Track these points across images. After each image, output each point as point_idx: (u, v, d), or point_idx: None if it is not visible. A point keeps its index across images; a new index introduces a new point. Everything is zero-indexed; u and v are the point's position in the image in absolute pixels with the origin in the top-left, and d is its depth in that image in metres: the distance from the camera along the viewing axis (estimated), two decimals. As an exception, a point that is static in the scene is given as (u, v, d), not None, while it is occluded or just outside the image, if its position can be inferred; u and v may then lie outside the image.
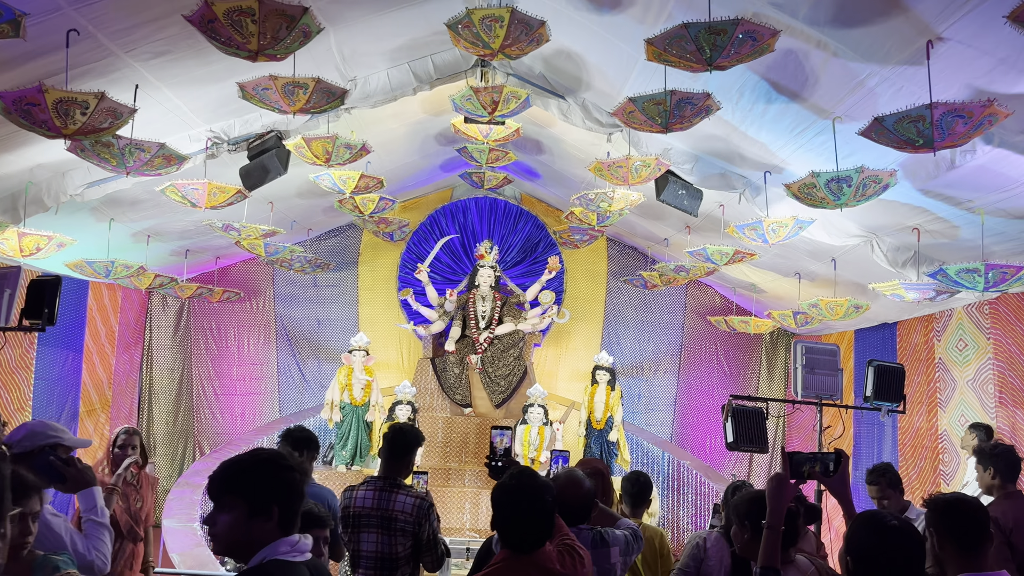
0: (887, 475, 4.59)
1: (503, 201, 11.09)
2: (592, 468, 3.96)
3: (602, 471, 3.94)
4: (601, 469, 3.95)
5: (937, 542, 2.56)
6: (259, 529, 1.97)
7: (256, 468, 2.02)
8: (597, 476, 3.92)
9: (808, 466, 2.60)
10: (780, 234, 6.04)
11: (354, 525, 4.03)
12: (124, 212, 7.59)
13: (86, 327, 9.40)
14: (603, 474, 3.92)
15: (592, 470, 3.94)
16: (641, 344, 11.61)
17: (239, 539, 1.99)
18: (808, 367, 5.07)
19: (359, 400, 8.77)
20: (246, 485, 2.01)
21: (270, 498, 1.98)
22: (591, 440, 8.92)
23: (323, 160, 6.12)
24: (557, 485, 3.17)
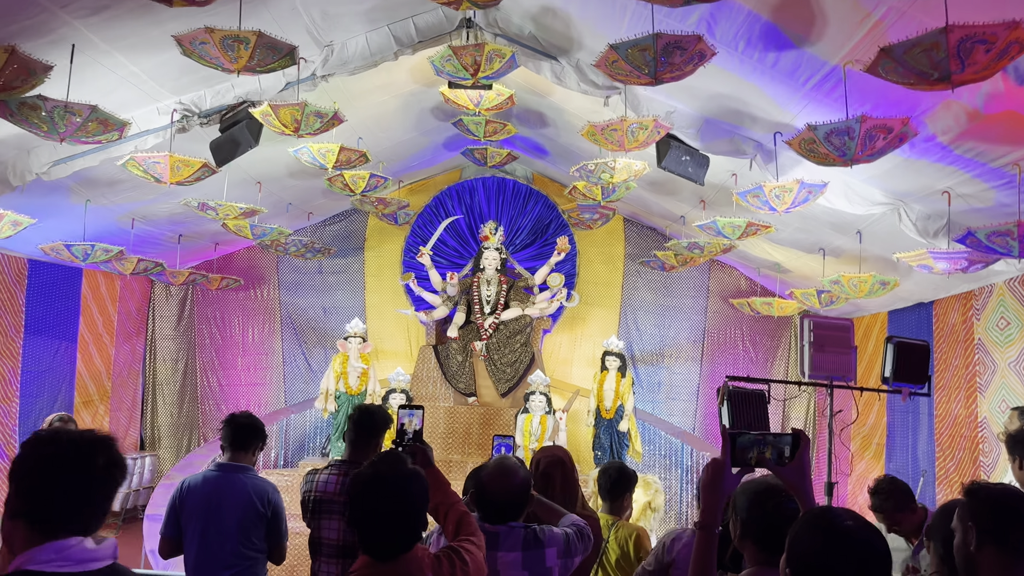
0: (894, 496, 3.90)
1: (512, 181, 10.61)
2: (552, 457, 3.49)
3: (563, 460, 3.46)
4: (562, 458, 3.47)
5: (976, 540, 2.02)
6: (11, 530, 1.54)
7: (18, 457, 1.59)
8: (556, 466, 3.45)
9: (756, 450, 2.08)
10: (786, 200, 5.46)
11: (315, 511, 3.71)
12: (101, 193, 7.29)
13: (80, 316, 9.18)
14: (564, 463, 3.45)
15: (552, 459, 3.47)
16: (662, 330, 11.04)
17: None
18: (817, 345, 4.51)
19: (355, 389, 8.38)
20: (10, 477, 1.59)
21: (25, 493, 1.55)
22: (600, 430, 8.40)
23: (292, 130, 5.71)
24: (482, 476, 2.70)
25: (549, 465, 3.43)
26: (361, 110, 7.72)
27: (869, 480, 9.39)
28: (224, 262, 10.96)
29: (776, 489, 2.21)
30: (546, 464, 3.43)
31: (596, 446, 8.43)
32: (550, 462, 3.44)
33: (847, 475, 9.79)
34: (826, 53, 4.70)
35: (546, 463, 3.44)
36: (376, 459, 2.25)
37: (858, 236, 7.20)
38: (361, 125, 7.95)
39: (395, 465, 2.17)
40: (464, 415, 8.73)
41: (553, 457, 3.47)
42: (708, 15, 4.94)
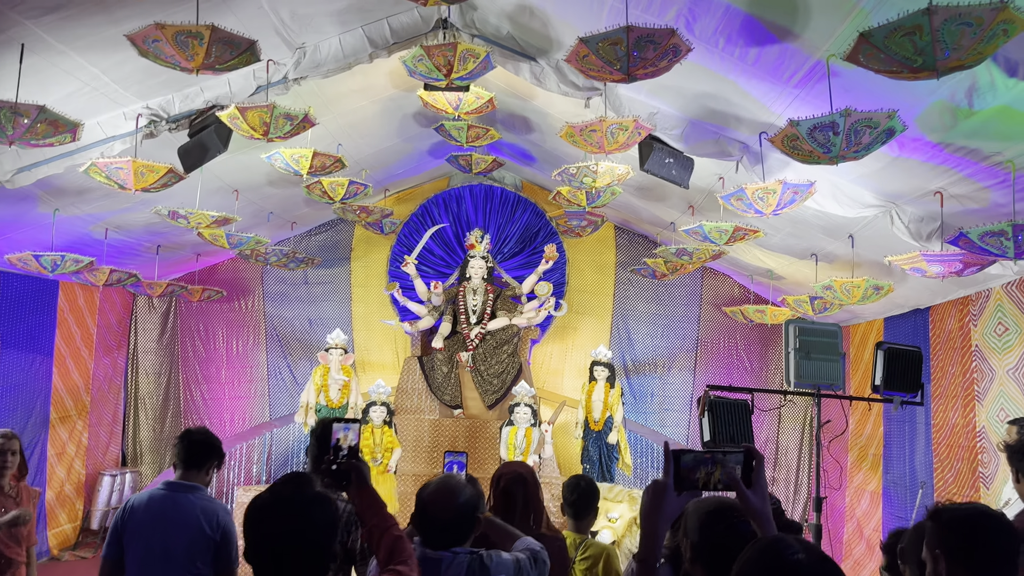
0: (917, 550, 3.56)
1: (500, 188, 10.42)
2: (513, 474, 3.26)
3: (525, 477, 3.24)
4: (524, 474, 3.25)
5: (945, 569, 1.83)
6: None
7: None
8: (518, 484, 3.23)
9: (704, 470, 1.84)
10: (771, 202, 5.25)
11: None
12: (71, 202, 7.09)
13: (57, 329, 8.97)
14: (527, 480, 3.22)
15: (513, 476, 3.25)
16: (654, 339, 10.82)
17: None
18: (802, 351, 4.29)
19: (336, 402, 8.16)
20: None
21: None
22: (589, 442, 8.16)
23: (261, 133, 5.52)
24: (423, 496, 2.48)
25: (510, 482, 3.21)
26: (339, 116, 7.55)
27: (866, 492, 9.20)
28: (208, 273, 10.76)
29: (729, 509, 1.99)
30: (507, 481, 3.21)
31: (584, 459, 8.18)
32: (511, 479, 3.22)
33: (844, 487, 9.54)
34: (809, 47, 4.51)
35: (507, 480, 3.22)
36: (278, 481, 2.03)
37: (850, 240, 6.99)
38: (340, 131, 7.77)
39: (298, 487, 1.94)
40: (449, 428, 8.50)
41: (514, 474, 3.25)
42: (686, 10, 4.76)
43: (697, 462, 1.81)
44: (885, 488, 8.69)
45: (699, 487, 1.81)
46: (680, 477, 1.80)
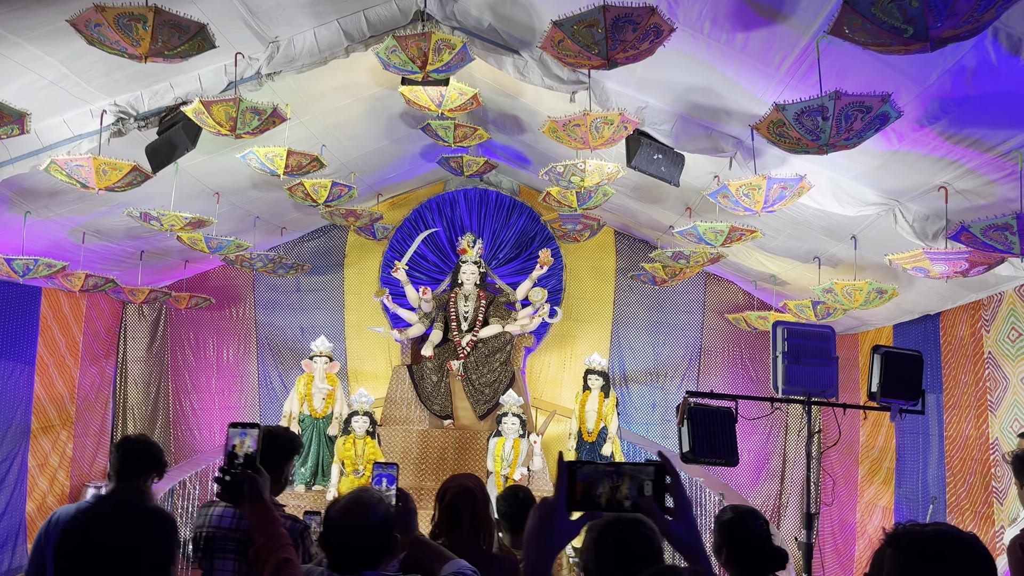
0: None
1: (495, 192, 10.16)
2: (459, 487, 2.97)
3: (473, 491, 2.95)
4: (472, 488, 2.96)
5: None
6: None
7: None
8: (465, 498, 2.94)
9: (607, 485, 1.52)
10: (757, 199, 4.94)
11: (208, 549, 3.24)
12: (44, 204, 6.89)
13: (39, 337, 8.76)
14: (474, 495, 2.93)
15: (459, 489, 2.96)
16: (656, 348, 10.49)
17: None
18: (791, 355, 3.97)
19: (320, 412, 7.89)
20: None
21: None
22: (582, 454, 7.84)
23: (228, 129, 5.28)
24: (331, 513, 2.20)
25: (456, 497, 2.92)
26: (321, 116, 7.32)
27: (878, 507, 8.80)
28: (199, 281, 10.56)
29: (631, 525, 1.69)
30: (452, 496, 2.93)
31: (578, 472, 7.85)
32: (457, 493, 2.93)
33: (855, 502, 9.16)
34: (799, 27, 4.22)
35: (452, 494, 2.93)
36: (108, 494, 1.75)
37: (853, 242, 6.67)
38: (323, 132, 7.54)
39: (127, 502, 1.67)
40: (438, 439, 8.20)
41: (461, 487, 2.96)
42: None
43: (598, 475, 1.49)
44: (897, 503, 8.30)
45: (601, 506, 1.50)
46: (575, 494, 1.49)
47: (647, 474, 1.48)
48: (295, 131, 7.19)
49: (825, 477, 9.59)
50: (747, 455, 9.95)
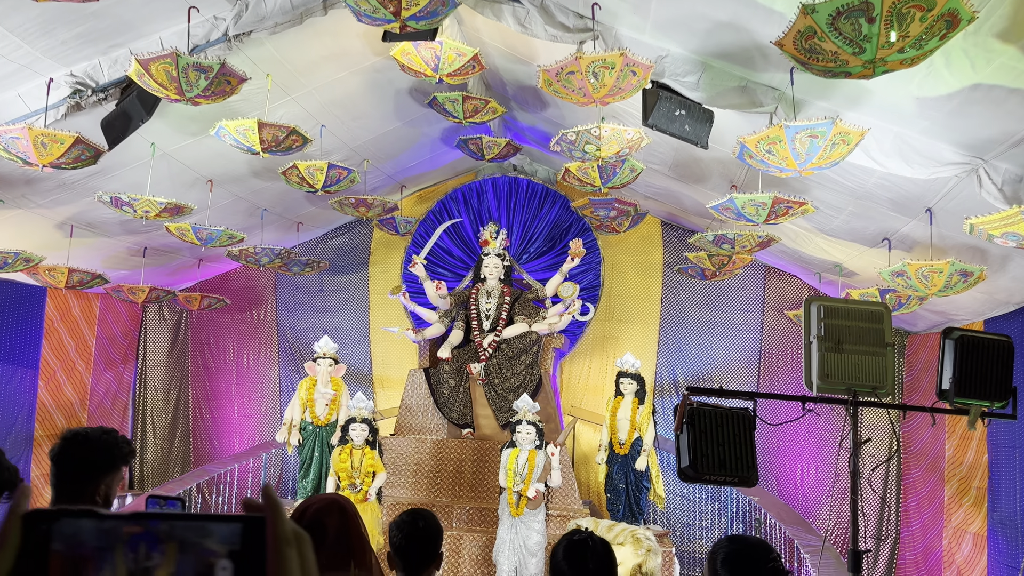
0: None
1: (526, 180, 9.33)
2: (325, 501, 2.17)
3: (343, 506, 2.16)
4: (341, 503, 2.16)
5: None
6: None
7: None
8: (332, 513, 2.13)
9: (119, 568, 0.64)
10: (783, 155, 3.98)
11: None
12: (21, 193, 6.42)
13: (43, 340, 8.37)
14: (344, 510, 2.14)
15: (325, 504, 2.16)
16: (709, 351, 9.46)
17: None
18: (830, 340, 3.02)
19: (323, 419, 7.19)
20: None
21: None
22: (614, 469, 6.90)
23: (174, 92, 4.64)
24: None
25: (321, 512, 2.11)
26: (316, 91, 6.65)
27: (968, 534, 7.55)
28: (219, 282, 10.09)
29: None
30: (316, 511, 2.11)
31: (608, 487, 6.93)
32: (322, 508, 2.12)
33: (941, 527, 7.90)
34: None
35: (316, 509, 2.12)
36: None
37: (928, 216, 5.57)
38: (321, 110, 6.88)
39: None
40: (455, 450, 7.39)
41: (327, 502, 2.14)
42: None
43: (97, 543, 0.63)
44: (990, 529, 7.05)
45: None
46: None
47: (222, 541, 0.62)
48: (288, 108, 6.57)
49: (906, 498, 8.37)
50: (812, 471, 8.80)
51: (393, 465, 7.38)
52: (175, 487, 7.71)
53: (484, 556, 6.44)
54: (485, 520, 6.87)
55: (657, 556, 4.60)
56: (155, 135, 6.28)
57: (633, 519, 6.81)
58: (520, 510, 6.04)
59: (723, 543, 2.38)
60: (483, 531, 6.69)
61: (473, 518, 6.95)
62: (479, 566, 6.45)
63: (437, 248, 8.96)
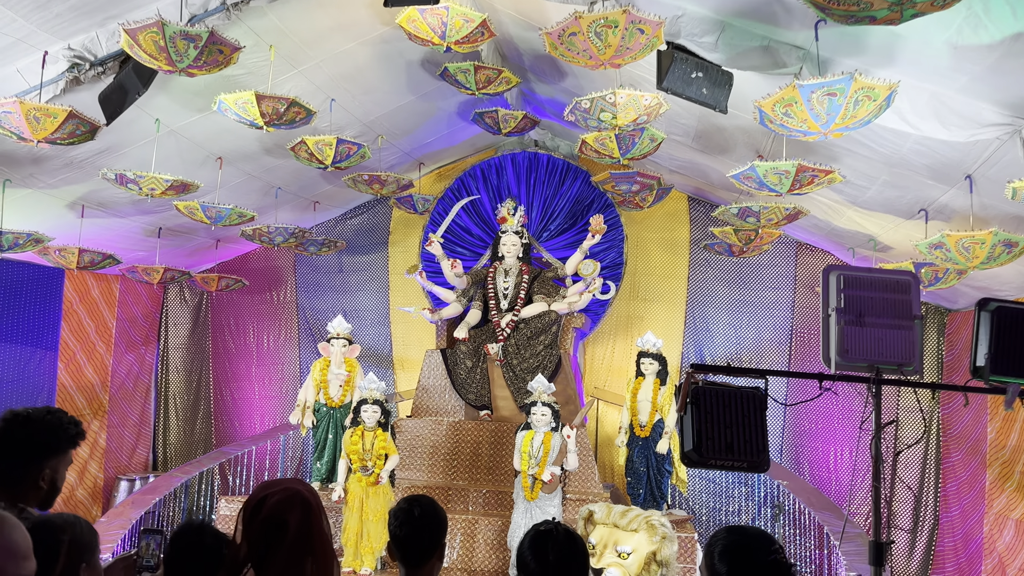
0: None
1: (546, 156, 9.07)
2: (286, 492, 1.97)
3: (304, 497, 1.96)
4: (303, 494, 1.97)
5: None
6: None
7: None
8: (291, 507, 1.93)
9: None
10: (802, 116, 3.69)
11: None
12: (29, 173, 6.34)
13: (62, 321, 8.35)
14: (307, 504, 1.94)
15: (286, 496, 1.96)
16: (738, 331, 9.15)
17: None
18: (850, 312, 2.76)
19: (337, 400, 7.06)
20: None
21: None
22: (634, 452, 6.66)
23: (165, 63, 4.47)
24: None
25: (281, 505, 1.91)
26: (324, 65, 6.45)
27: (1010, 520, 7.18)
28: (239, 263, 10.01)
29: None
30: (276, 504, 1.91)
31: (629, 471, 6.70)
32: (283, 501, 1.92)
33: (982, 513, 7.54)
34: None
35: (276, 502, 1.92)
36: None
37: (968, 183, 5.21)
38: (331, 84, 6.69)
39: None
40: (471, 432, 7.22)
41: (288, 493, 1.94)
42: None
43: None
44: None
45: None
46: None
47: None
48: (296, 82, 6.39)
49: (945, 483, 8.01)
50: (846, 455, 8.46)
51: (409, 447, 7.24)
52: (193, 469, 7.65)
53: (500, 540, 6.27)
54: (502, 504, 6.70)
55: (673, 543, 4.37)
56: (160, 111, 6.16)
57: (654, 503, 6.58)
58: (535, 494, 5.84)
59: (721, 534, 2.16)
60: (499, 515, 6.51)
61: (490, 501, 6.78)
62: (494, 551, 6.28)
63: (455, 226, 8.76)
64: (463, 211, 8.78)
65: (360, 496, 6.07)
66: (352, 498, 6.09)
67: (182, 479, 7.42)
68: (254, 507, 1.93)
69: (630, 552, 4.35)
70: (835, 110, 3.65)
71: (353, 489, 6.12)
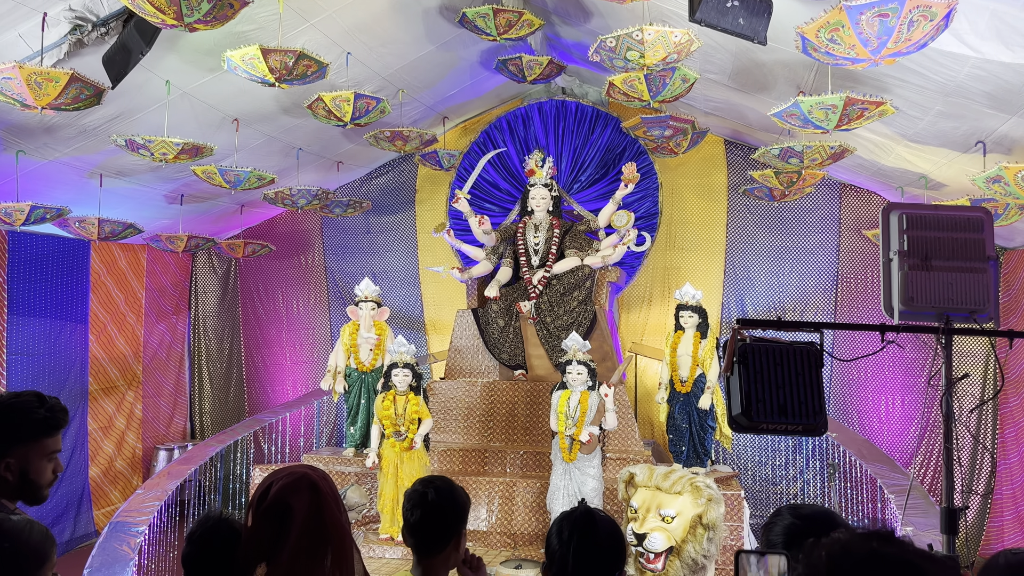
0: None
1: (574, 103, 8.73)
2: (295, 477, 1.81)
3: (315, 483, 1.79)
4: (313, 480, 1.79)
5: None
6: None
7: None
8: (299, 493, 1.77)
9: None
10: (850, 42, 3.36)
11: None
12: (43, 143, 6.22)
13: (91, 293, 8.33)
14: (316, 488, 1.78)
15: (291, 480, 1.79)
16: (781, 278, 8.83)
17: None
18: (916, 255, 2.49)
19: (368, 365, 6.94)
20: None
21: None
22: (676, 408, 6.45)
23: (173, 18, 4.25)
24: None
25: (286, 490, 1.74)
26: (338, 15, 6.18)
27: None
28: (267, 228, 9.91)
29: None
30: (281, 489, 1.74)
31: (671, 428, 6.50)
32: (287, 485, 1.75)
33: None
34: None
35: (281, 487, 1.75)
36: None
37: (1033, 110, 4.82)
38: (346, 37, 6.42)
39: None
40: (506, 393, 7.07)
41: (294, 477, 1.76)
42: None
43: None
44: None
45: None
46: None
47: None
48: (309, 36, 6.13)
49: (1002, 429, 7.69)
50: (898, 404, 8.17)
51: (443, 410, 7.12)
52: (227, 437, 7.63)
53: (539, 503, 6.14)
54: (540, 465, 6.56)
55: (719, 505, 4.17)
56: (169, 72, 5.97)
57: (698, 461, 6.39)
58: (573, 455, 5.68)
59: (782, 514, 1.95)
60: (538, 476, 6.38)
61: (528, 463, 6.64)
62: (534, 513, 6.16)
63: (482, 181, 8.51)
64: (490, 165, 8.52)
65: (395, 462, 5.96)
66: (387, 464, 5.99)
67: (217, 448, 7.40)
68: (260, 495, 1.77)
69: (674, 516, 4.16)
70: (887, 33, 3.32)
71: (387, 455, 6.01)
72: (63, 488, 7.82)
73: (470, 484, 6.30)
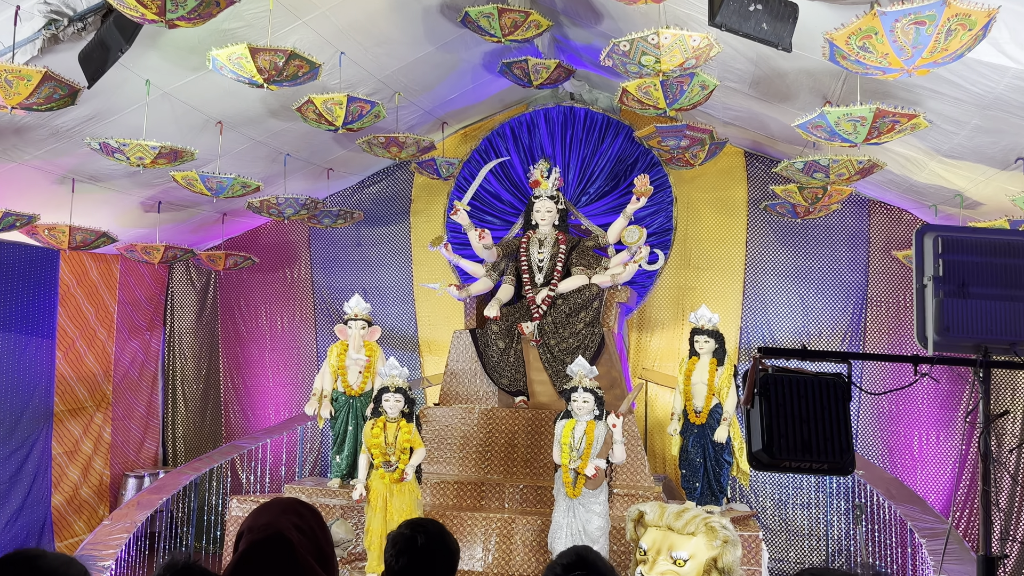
0: None
1: (583, 110, 8.78)
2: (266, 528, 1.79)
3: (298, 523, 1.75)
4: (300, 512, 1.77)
5: None
6: None
7: None
8: (267, 548, 1.74)
9: None
10: (883, 51, 3.38)
11: None
12: (11, 144, 6.26)
13: (59, 307, 8.34)
14: (289, 544, 1.73)
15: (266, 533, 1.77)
16: (805, 301, 8.84)
17: None
18: (952, 281, 2.50)
19: (356, 388, 6.92)
20: None
21: None
22: (689, 441, 6.43)
23: (154, 13, 4.29)
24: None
25: (255, 548, 1.72)
26: (331, 13, 6.24)
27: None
28: (249, 239, 9.93)
29: None
30: (251, 548, 1.73)
31: (683, 462, 6.48)
32: (257, 541, 1.73)
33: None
34: None
35: (251, 546, 1.73)
36: None
37: (1077, 125, 4.85)
38: (340, 36, 6.48)
39: None
40: (506, 421, 7.05)
41: (268, 534, 1.75)
42: None
43: None
44: None
45: None
46: None
47: None
48: (301, 34, 6.18)
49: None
50: (933, 440, 8.14)
51: (437, 438, 7.10)
52: (203, 465, 7.61)
53: (540, 542, 6.10)
54: (541, 500, 6.53)
55: (736, 548, 4.13)
56: (150, 71, 6.02)
57: (713, 499, 6.37)
58: (578, 490, 5.65)
59: None
60: (539, 513, 6.35)
61: (528, 498, 6.62)
62: (534, 553, 6.13)
63: (483, 192, 8.54)
64: (492, 175, 8.54)
65: (383, 494, 5.93)
66: (375, 497, 5.96)
67: (191, 476, 7.38)
68: (235, 546, 1.75)
69: (687, 559, 4.12)
70: (923, 42, 3.34)
71: (376, 487, 5.99)
72: (22, 518, 7.80)
73: (465, 520, 6.28)
